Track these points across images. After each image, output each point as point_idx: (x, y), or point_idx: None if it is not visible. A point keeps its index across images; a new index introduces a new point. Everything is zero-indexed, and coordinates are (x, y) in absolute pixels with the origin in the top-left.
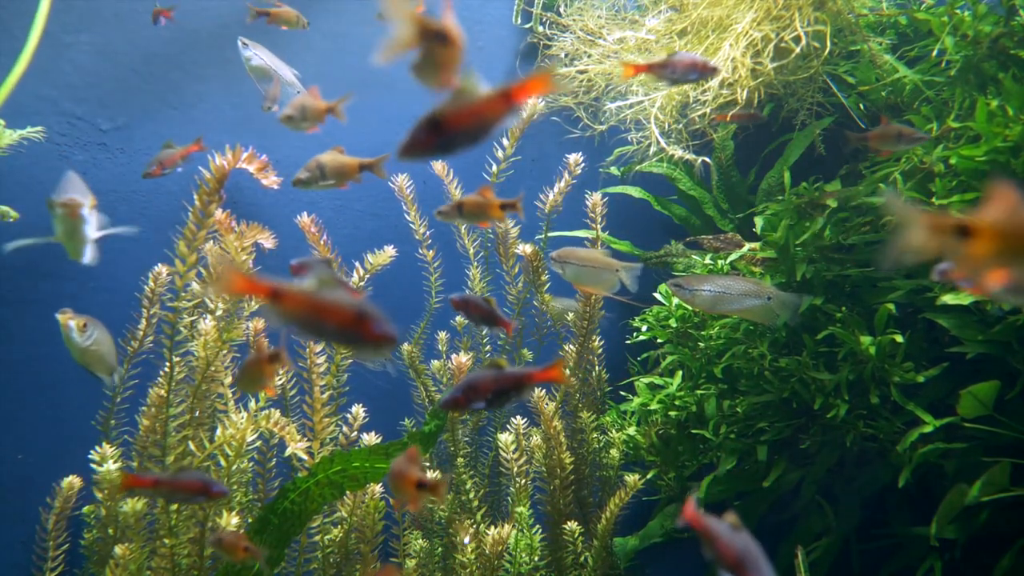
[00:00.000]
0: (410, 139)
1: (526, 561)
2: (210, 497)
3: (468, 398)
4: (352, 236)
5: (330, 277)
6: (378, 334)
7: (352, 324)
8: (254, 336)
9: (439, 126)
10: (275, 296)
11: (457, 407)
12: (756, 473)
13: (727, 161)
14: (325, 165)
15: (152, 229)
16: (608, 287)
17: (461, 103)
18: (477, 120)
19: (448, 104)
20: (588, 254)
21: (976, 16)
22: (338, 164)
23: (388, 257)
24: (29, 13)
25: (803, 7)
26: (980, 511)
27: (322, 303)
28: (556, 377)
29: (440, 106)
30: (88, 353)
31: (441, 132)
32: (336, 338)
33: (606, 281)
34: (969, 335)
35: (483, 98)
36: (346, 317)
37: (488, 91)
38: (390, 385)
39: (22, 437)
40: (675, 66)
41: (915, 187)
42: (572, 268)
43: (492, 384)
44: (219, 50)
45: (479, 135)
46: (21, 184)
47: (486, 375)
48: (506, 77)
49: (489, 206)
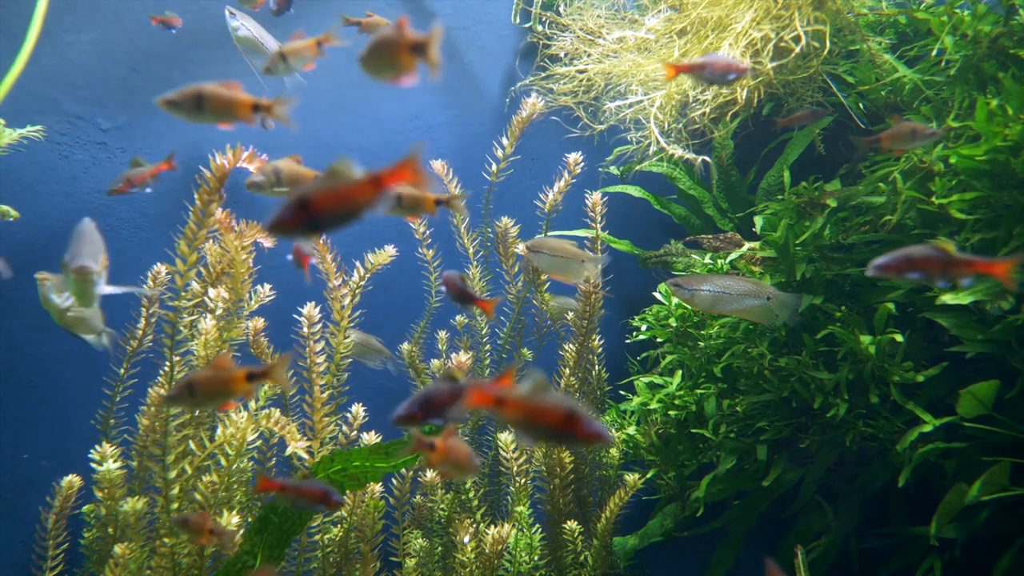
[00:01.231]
0: (277, 218)
1: (526, 560)
2: (329, 505)
3: (425, 413)
4: (352, 235)
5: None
6: (589, 433)
7: (564, 424)
8: (254, 335)
9: (307, 207)
10: (499, 403)
11: (413, 422)
12: (756, 472)
13: (727, 160)
14: (281, 172)
15: (152, 228)
16: (576, 276)
17: (332, 185)
18: (346, 204)
19: (318, 185)
20: (558, 245)
21: (975, 16)
22: (294, 173)
23: (388, 256)
24: (29, 13)
25: (802, 7)
26: (980, 510)
27: (537, 407)
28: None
29: (310, 187)
30: (68, 314)
31: (309, 213)
32: (552, 438)
33: (574, 271)
34: (969, 334)
35: (353, 182)
36: (558, 419)
37: (359, 175)
38: (390, 384)
39: (22, 436)
40: (712, 67)
41: (915, 186)
42: (544, 258)
43: (448, 398)
44: (219, 50)
45: (348, 218)
46: (21, 183)
47: (441, 389)
48: (506, 76)
49: (425, 200)
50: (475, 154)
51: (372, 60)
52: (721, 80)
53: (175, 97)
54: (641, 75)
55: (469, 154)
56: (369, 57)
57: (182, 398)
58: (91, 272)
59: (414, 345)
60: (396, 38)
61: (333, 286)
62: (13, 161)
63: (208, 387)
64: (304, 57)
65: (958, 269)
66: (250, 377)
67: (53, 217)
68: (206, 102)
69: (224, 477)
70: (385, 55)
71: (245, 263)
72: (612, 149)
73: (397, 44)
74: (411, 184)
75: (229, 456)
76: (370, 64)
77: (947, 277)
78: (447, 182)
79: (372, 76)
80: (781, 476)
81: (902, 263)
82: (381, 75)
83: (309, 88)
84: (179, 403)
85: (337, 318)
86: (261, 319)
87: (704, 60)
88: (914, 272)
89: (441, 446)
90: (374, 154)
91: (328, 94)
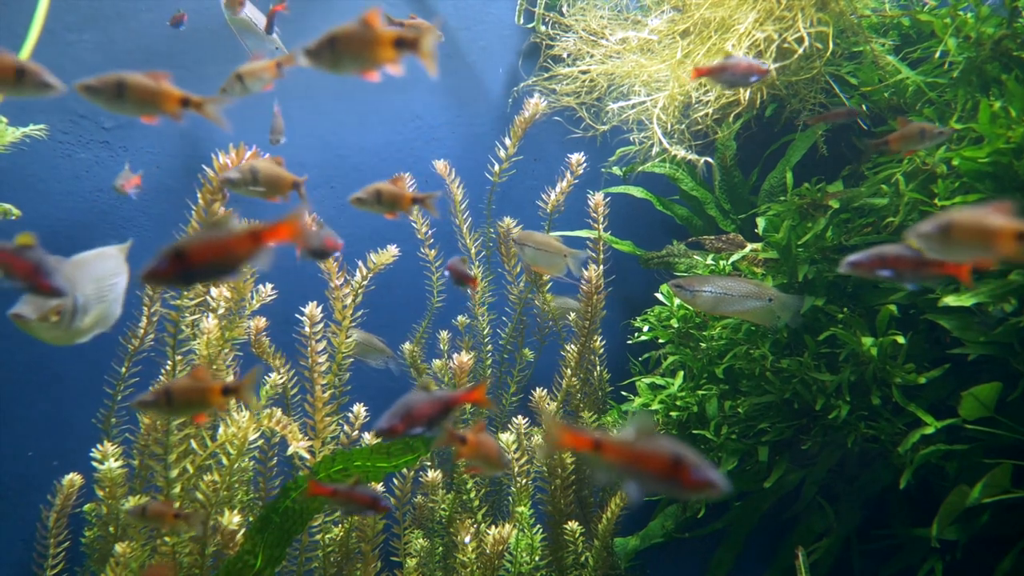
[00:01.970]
0: (153, 267)
1: (527, 561)
2: (378, 511)
3: (407, 424)
4: (354, 235)
5: (649, 425)
6: (698, 481)
7: (670, 471)
8: (255, 335)
9: (182, 258)
10: (598, 447)
11: (395, 435)
12: (757, 474)
13: (730, 162)
14: (259, 172)
15: (154, 228)
16: (558, 270)
17: (210, 237)
18: (222, 256)
19: (196, 237)
20: (544, 239)
21: (979, 18)
22: (272, 175)
23: (390, 256)
24: (30, 11)
25: (806, 8)
26: (981, 512)
27: (640, 453)
28: (478, 398)
29: (187, 238)
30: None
31: (184, 264)
32: (656, 484)
33: (556, 264)
34: (971, 336)
35: (231, 235)
36: (664, 465)
37: (239, 229)
38: (392, 384)
39: (23, 435)
40: (733, 69)
41: (917, 188)
42: (530, 250)
43: (428, 408)
44: (221, 48)
45: (224, 271)
46: (24, 182)
47: (420, 401)
48: (508, 77)
49: (402, 198)
50: (477, 154)
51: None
52: (743, 82)
53: (95, 83)
54: (644, 76)
55: (471, 154)
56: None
57: (158, 404)
58: (23, 320)
59: (416, 345)
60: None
61: (335, 286)
62: (16, 160)
63: (185, 396)
64: (262, 79)
65: (928, 269)
66: (225, 391)
67: (55, 216)
68: (128, 91)
69: (225, 476)
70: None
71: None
72: (615, 150)
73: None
74: (290, 241)
75: (231, 455)
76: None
77: (918, 277)
78: (449, 182)
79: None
80: (782, 477)
81: (875, 261)
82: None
83: (310, 88)
84: (154, 409)
85: (339, 318)
86: (263, 318)
87: (724, 62)
88: (886, 270)
89: (472, 440)
90: (376, 154)
91: (329, 94)
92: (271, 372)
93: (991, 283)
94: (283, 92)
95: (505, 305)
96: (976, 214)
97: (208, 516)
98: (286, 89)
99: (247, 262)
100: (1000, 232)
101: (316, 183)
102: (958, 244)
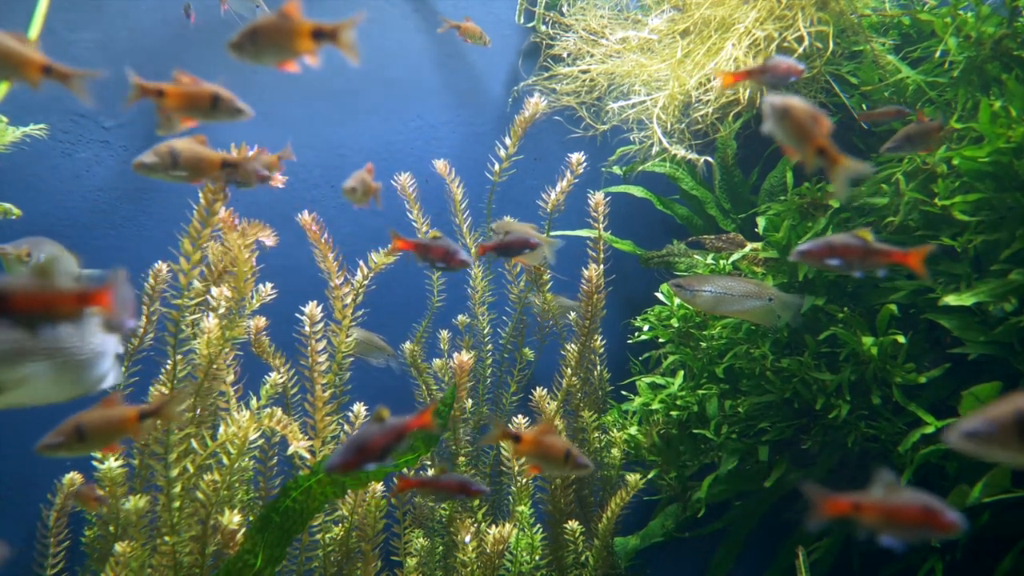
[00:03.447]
0: None
1: (527, 560)
2: (470, 495)
3: (359, 459)
4: (354, 234)
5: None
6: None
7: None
8: (255, 334)
9: (2, 301)
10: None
11: (348, 469)
12: (757, 473)
13: (730, 161)
14: (179, 153)
15: (155, 227)
16: (536, 259)
17: (35, 286)
18: (44, 308)
19: (21, 283)
20: (521, 227)
21: (979, 17)
22: (195, 156)
23: (391, 256)
24: (30, 10)
25: (806, 7)
26: (981, 512)
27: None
28: (426, 423)
29: (10, 283)
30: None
31: (3, 309)
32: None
33: (534, 253)
34: (971, 336)
35: (58, 291)
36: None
37: (66, 286)
38: (393, 383)
39: (23, 434)
40: (774, 70)
41: (918, 188)
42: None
43: (380, 440)
44: (223, 48)
45: (41, 322)
46: (24, 181)
47: (372, 434)
48: (508, 76)
49: (208, 163)
50: (477, 154)
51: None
52: (783, 82)
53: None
54: (644, 75)
55: (471, 154)
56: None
57: (68, 444)
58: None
59: (416, 344)
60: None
61: (335, 285)
62: (16, 159)
63: (98, 428)
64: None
65: (876, 258)
66: (142, 416)
67: (56, 215)
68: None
69: (226, 476)
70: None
71: (248, 262)
72: (615, 149)
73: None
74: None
75: (231, 455)
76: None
77: (865, 266)
78: (449, 182)
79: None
80: (783, 477)
81: (824, 250)
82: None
83: (310, 88)
84: (64, 449)
85: (339, 317)
86: (263, 318)
87: (764, 64)
88: (834, 259)
89: (528, 438)
90: (376, 154)
91: (330, 94)
92: (271, 372)
93: (991, 282)
94: (283, 93)
95: (505, 305)
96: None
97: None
98: (287, 89)
99: (67, 319)
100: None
101: (316, 183)
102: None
